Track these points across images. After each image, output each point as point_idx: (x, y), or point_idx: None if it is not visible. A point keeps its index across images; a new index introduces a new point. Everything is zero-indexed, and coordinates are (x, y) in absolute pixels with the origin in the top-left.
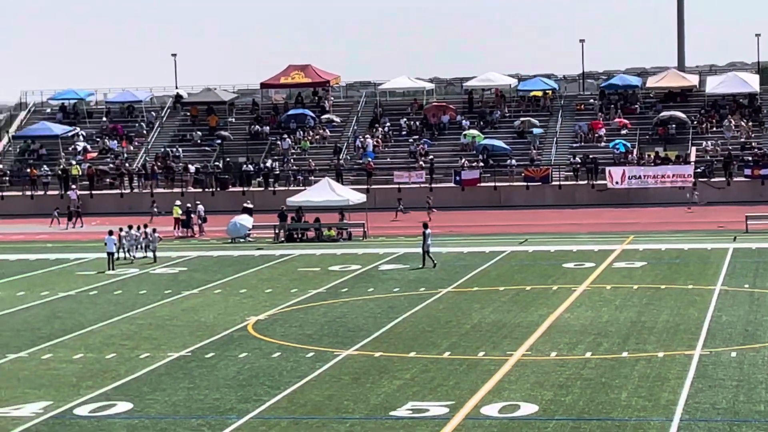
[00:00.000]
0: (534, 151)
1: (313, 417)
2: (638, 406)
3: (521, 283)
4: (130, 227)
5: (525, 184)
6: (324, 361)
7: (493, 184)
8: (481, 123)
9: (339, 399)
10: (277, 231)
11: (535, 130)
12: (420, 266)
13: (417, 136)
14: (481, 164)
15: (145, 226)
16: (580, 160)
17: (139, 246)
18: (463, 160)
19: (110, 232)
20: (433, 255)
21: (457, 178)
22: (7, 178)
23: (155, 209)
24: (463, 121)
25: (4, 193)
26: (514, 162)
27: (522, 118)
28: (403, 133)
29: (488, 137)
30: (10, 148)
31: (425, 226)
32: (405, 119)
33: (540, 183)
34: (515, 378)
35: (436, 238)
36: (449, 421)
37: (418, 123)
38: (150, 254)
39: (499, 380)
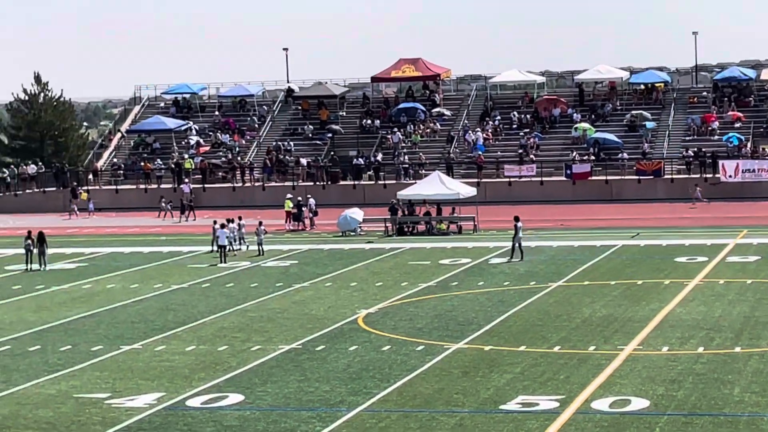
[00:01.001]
0: (646, 145)
1: (423, 410)
2: (751, 402)
3: (632, 278)
4: (231, 221)
5: (637, 177)
6: (434, 355)
7: (604, 177)
8: (593, 116)
9: (449, 392)
10: (387, 224)
11: (648, 124)
12: (516, 259)
13: (527, 130)
14: (592, 158)
15: (240, 218)
16: (692, 154)
17: (236, 239)
18: (574, 153)
19: (222, 225)
20: (544, 248)
21: (568, 171)
22: (122, 172)
23: (163, 204)
24: (575, 115)
25: (119, 187)
26: (625, 155)
27: (634, 111)
28: (514, 126)
29: (599, 130)
30: (124, 142)
31: (516, 219)
32: (515, 112)
33: (652, 176)
34: (626, 373)
35: (547, 232)
36: (559, 416)
37: (528, 116)
38: (243, 247)
39: (609, 375)
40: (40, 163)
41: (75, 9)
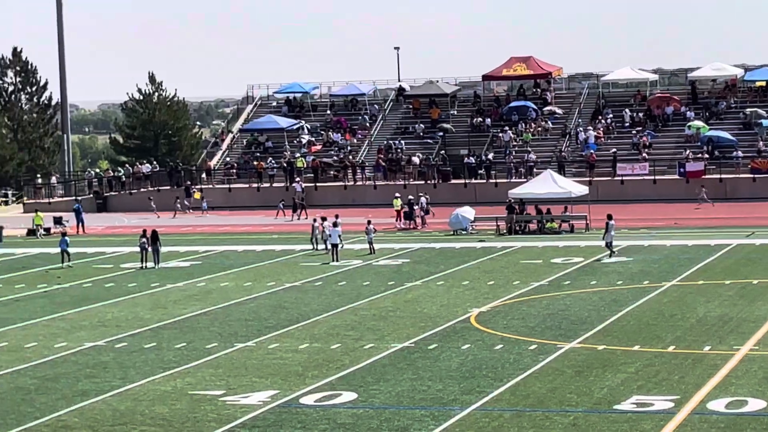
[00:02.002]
0: (761, 143)
1: (536, 410)
2: None
3: (748, 277)
4: (324, 219)
5: (752, 176)
6: (547, 354)
7: (718, 176)
8: (706, 114)
9: (562, 392)
10: (499, 223)
11: (763, 122)
12: (610, 254)
13: (640, 128)
14: (706, 156)
15: (324, 219)
16: None
17: (319, 239)
18: (688, 151)
19: (335, 224)
20: (657, 247)
21: (682, 170)
22: (234, 171)
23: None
24: (688, 113)
25: (232, 186)
26: (740, 153)
27: (749, 109)
28: (626, 124)
29: (713, 128)
30: (236, 142)
31: (609, 217)
32: (628, 110)
33: (767, 175)
34: (742, 373)
35: (661, 231)
36: (674, 416)
37: (641, 114)
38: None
39: (725, 375)
40: (154, 162)
41: (189, 9)
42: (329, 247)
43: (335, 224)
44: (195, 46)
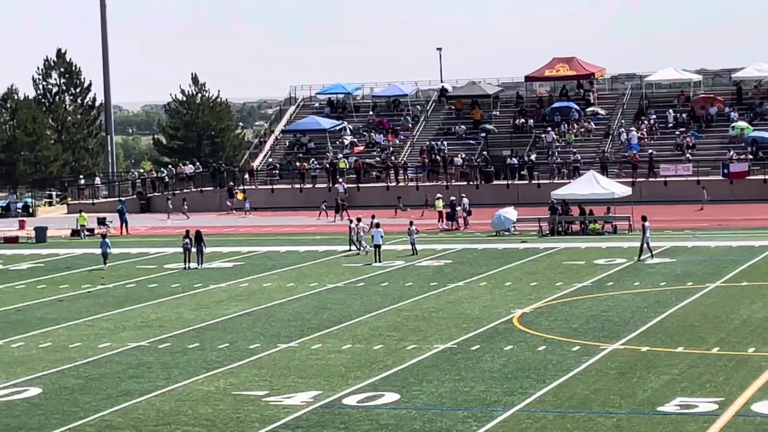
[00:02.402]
0: None
1: (579, 411)
2: None
3: None
4: (359, 219)
5: None
6: (590, 355)
7: (762, 176)
8: (750, 115)
9: (605, 393)
10: (541, 224)
11: None
12: (637, 258)
13: (683, 129)
14: (750, 156)
15: (359, 220)
16: None
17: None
18: (731, 152)
19: (377, 225)
20: (701, 248)
21: (725, 170)
22: (277, 172)
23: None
24: (732, 113)
25: (274, 186)
26: None
27: None
28: (669, 125)
29: (757, 129)
30: (279, 142)
31: (644, 219)
32: (671, 111)
33: None
34: None
35: (704, 232)
36: (719, 418)
37: (684, 115)
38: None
39: None
40: (197, 163)
41: (231, 10)
42: (364, 247)
43: (377, 225)
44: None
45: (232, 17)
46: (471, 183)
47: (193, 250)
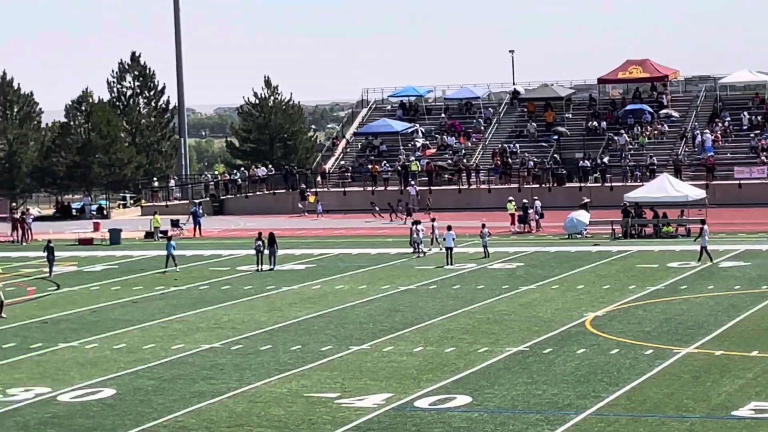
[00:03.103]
0: None
1: (653, 415)
2: None
3: None
4: (419, 222)
5: None
6: (663, 359)
7: None
8: None
9: (679, 397)
10: (614, 227)
11: None
12: (698, 262)
13: (758, 131)
14: None
15: (418, 222)
16: None
17: (422, 241)
18: None
19: (449, 228)
20: None
21: None
22: (349, 174)
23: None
24: None
25: (346, 189)
26: None
27: None
28: (744, 127)
29: None
30: (351, 145)
31: (703, 222)
32: (746, 113)
33: None
34: None
35: None
36: None
37: (759, 117)
38: (426, 249)
39: None
40: (269, 166)
41: (304, 13)
42: (422, 249)
43: (449, 228)
44: (310, 49)
45: (305, 20)
46: (543, 185)
47: (266, 252)
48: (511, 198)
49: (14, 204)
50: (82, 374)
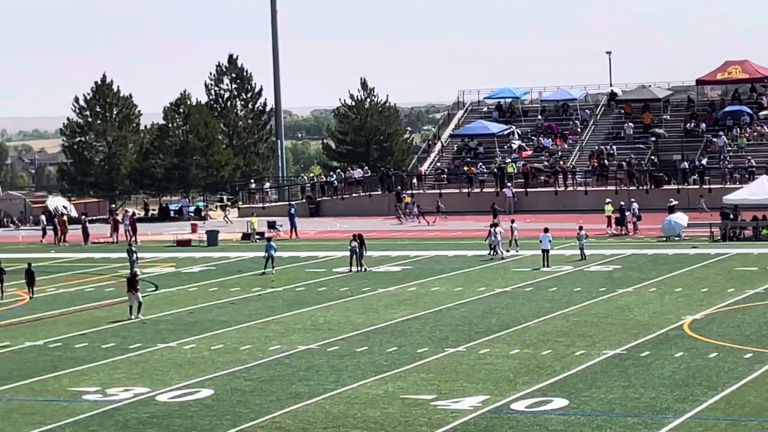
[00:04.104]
0: None
1: (752, 419)
2: None
3: None
4: (497, 224)
5: None
6: (763, 363)
7: None
8: None
9: None
10: (712, 229)
11: None
12: None
13: None
14: None
15: (497, 224)
16: None
17: (499, 243)
18: None
19: (546, 230)
20: None
21: None
22: (445, 176)
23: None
24: None
25: (442, 191)
26: None
27: None
28: None
29: None
30: (447, 147)
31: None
32: None
33: None
34: None
35: None
36: None
37: None
38: (502, 252)
39: None
40: (365, 167)
41: (400, 15)
42: (500, 252)
43: (546, 230)
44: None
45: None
46: (640, 187)
47: (358, 252)
48: (608, 200)
49: (113, 205)
50: (180, 374)
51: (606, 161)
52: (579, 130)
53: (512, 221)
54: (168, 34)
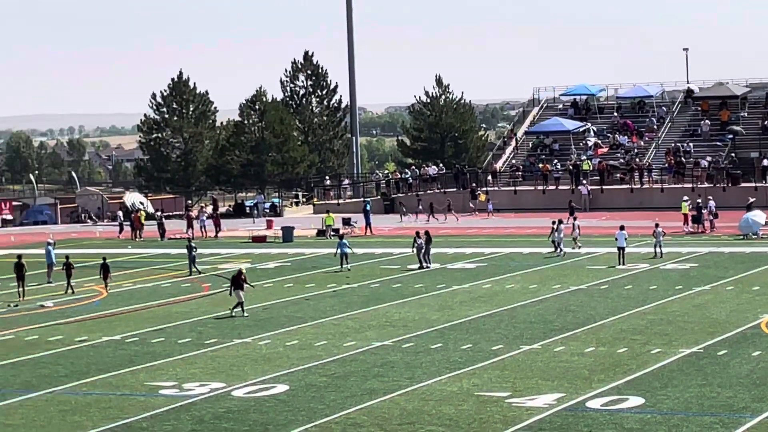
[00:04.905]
0: None
1: None
2: None
3: None
4: (561, 222)
5: None
6: None
7: None
8: None
9: None
10: None
11: None
12: None
13: None
14: None
15: (560, 221)
16: None
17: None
18: None
19: (622, 227)
20: None
21: None
22: (520, 173)
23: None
24: None
25: (517, 188)
26: None
27: None
28: None
29: None
30: (522, 144)
31: None
32: None
33: None
34: None
35: None
36: None
37: None
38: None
39: None
40: (440, 164)
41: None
42: (562, 249)
43: (622, 228)
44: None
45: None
46: (717, 185)
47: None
48: (685, 198)
49: (189, 202)
50: (256, 370)
51: (682, 158)
52: (655, 127)
53: (574, 218)
54: (244, 31)
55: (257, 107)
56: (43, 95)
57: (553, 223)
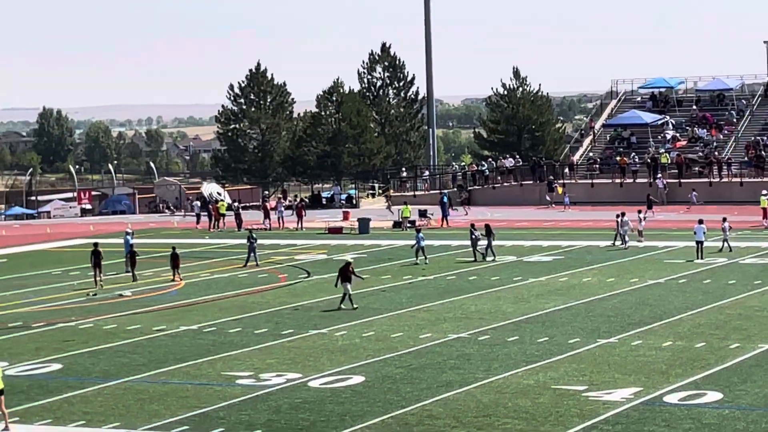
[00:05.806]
0: None
1: None
2: None
3: None
4: (623, 214)
5: None
6: None
7: None
8: None
9: None
10: None
11: None
12: None
13: None
14: None
15: (623, 214)
16: None
17: (624, 234)
18: None
19: (701, 221)
20: None
21: None
22: (597, 166)
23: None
24: None
25: (594, 181)
26: None
27: None
28: None
29: None
30: (600, 137)
31: None
32: None
33: None
34: None
35: None
36: None
37: None
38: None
39: None
40: (517, 157)
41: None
42: (627, 242)
43: (700, 221)
44: (559, 40)
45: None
46: None
47: (484, 243)
48: (764, 191)
49: (266, 192)
50: (332, 361)
51: (762, 152)
52: (735, 120)
53: (639, 211)
54: (322, 22)
55: (334, 98)
56: (121, 86)
57: (617, 216)
